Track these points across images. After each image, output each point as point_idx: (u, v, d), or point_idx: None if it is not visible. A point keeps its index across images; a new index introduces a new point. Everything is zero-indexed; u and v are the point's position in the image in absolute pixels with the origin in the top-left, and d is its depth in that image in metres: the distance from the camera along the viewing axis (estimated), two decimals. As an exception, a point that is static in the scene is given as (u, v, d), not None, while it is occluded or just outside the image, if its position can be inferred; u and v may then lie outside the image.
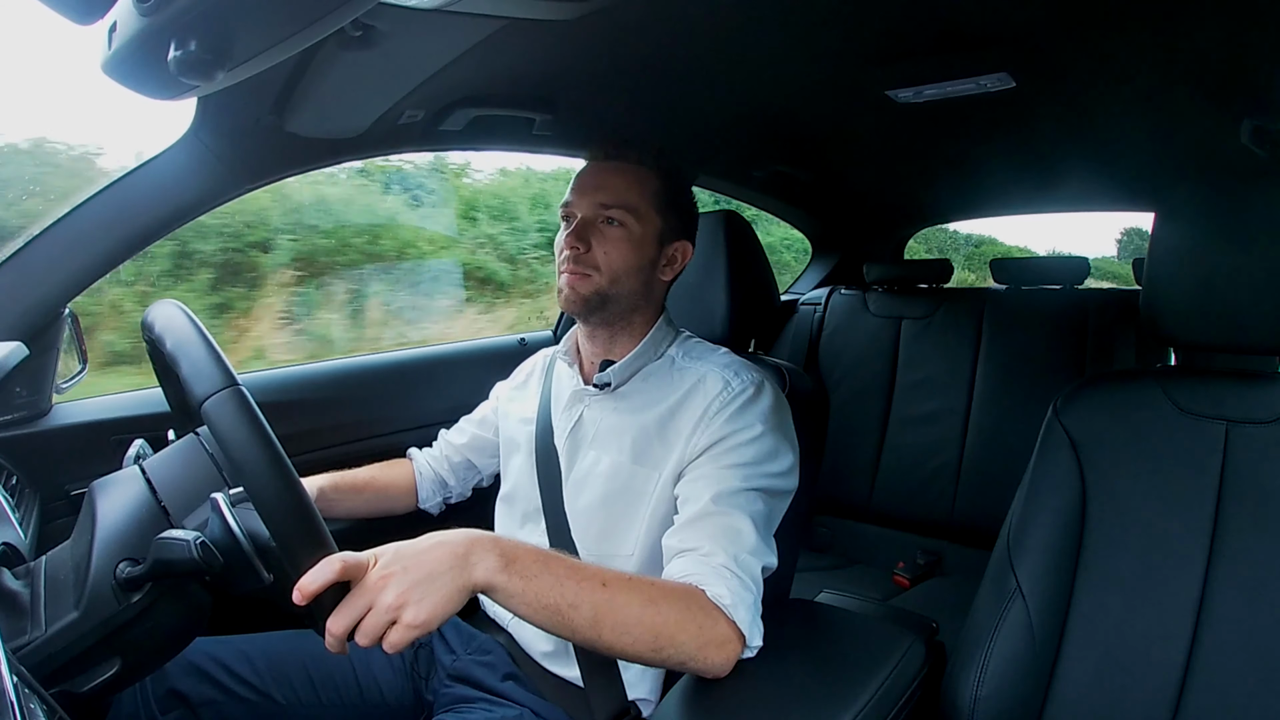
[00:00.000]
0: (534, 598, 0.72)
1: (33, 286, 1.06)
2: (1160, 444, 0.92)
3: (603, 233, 0.98)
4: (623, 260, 0.98)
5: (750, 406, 0.94)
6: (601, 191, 0.98)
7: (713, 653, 0.78)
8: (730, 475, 0.90)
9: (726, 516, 0.86)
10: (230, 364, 0.67)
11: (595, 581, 0.75)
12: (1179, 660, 0.86)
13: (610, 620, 0.74)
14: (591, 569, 0.77)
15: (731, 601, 0.80)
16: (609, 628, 0.74)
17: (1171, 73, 1.19)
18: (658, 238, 1.01)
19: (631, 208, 0.98)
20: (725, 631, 0.79)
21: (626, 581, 0.77)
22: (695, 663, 0.78)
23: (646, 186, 0.99)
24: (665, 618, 0.76)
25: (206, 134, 1.10)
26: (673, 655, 0.77)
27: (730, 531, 0.85)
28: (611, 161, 1.00)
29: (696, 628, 0.77)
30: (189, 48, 0.54)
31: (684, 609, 0.78)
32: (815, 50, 1.17)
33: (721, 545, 0.84)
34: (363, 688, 1.04)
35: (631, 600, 0.75)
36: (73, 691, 0.67)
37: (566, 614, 0.72)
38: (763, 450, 0.92)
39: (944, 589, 1.96)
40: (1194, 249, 0.90)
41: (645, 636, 0.75)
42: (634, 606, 0.75)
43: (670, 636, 0.76)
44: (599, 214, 0.98)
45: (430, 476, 1.24)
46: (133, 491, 0.76)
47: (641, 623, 0.75)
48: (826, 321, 2.33)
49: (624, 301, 1.00)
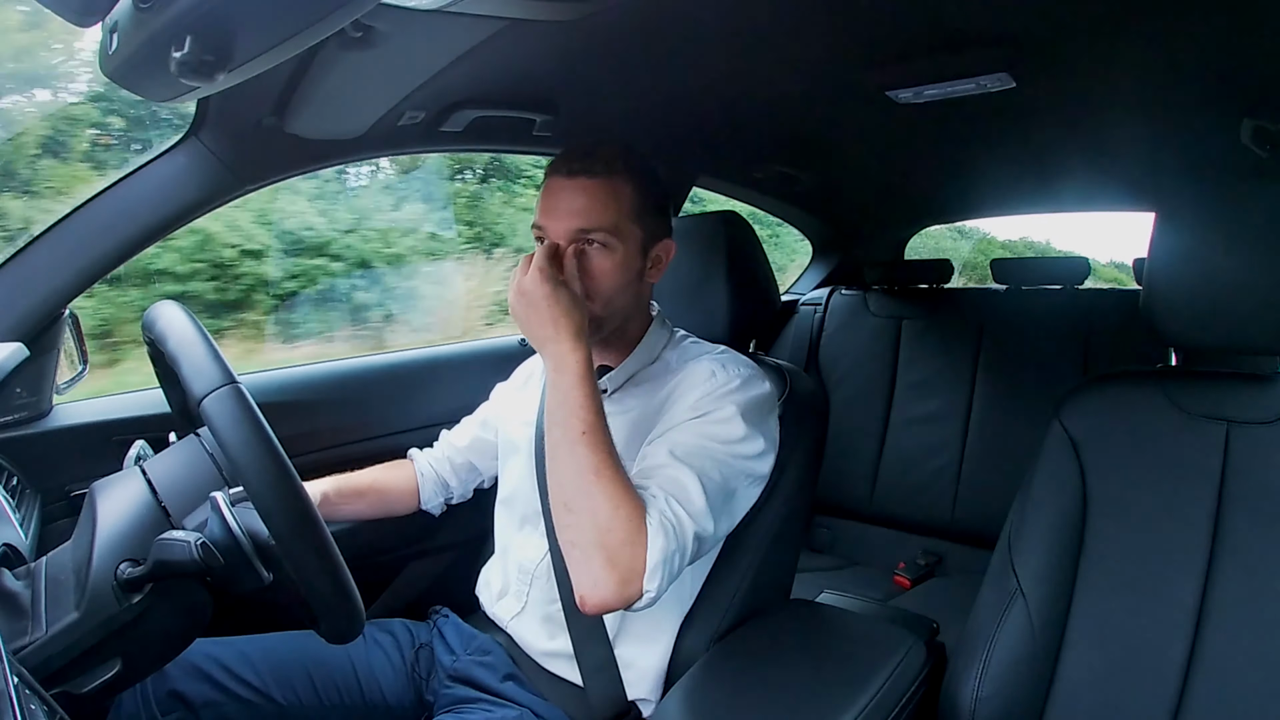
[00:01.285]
0: (553, 396, 0.84)
1: (33, 288, 1.06)
2: (1161, 445, 0.92)
3: (589, 258, 0.93)
4: (613, 284, 0.94)
5: (730, 395, 0.92)
6: (575, 217, 0.92)
7: (610, 571, 0.77)
8: (691, 438, 0.88)
9: (676, 470, 0.85)
10: (229, 363, 0.67)
11: (581, 424, 0.82)
12: (1180, 660, 0.86)
13: (562, 458, 0.82)
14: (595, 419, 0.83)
15: (654, 533, 0.79)
16: (557, 464, 0.83)
17: (1171, 73, 1.19)
18: (641, 248, 0.97)
19: (611, 228, 0.92)
20: (632, 560, 0.78)
21: (602, 446, 0.82)
22: (579, 562, 0.79)
23: (621, 198, 0.93)
24: (592, 495, 0.80)
25: (207, 135, 1.10)
26: (568, 531, 0.81)
27: (676, 484, 0.84)
28: (577, 178, 0.92)
29: (615, 536, 0.78)
30: (189, 49, 0.54)
31: (615, 508, 0.79)
32: (816, 51, 1.17)
33: (665, 490, 0.83)
34: (363, 689, 1.04)
35: (589, 457, 0.81)
36: (73, 692, 0.67)
37: (551, 429, 0.84)
38: (731, 432, 0.89)
39: (945, 589, 1.96)
40: (1194, 249, 0.90)
41: (568, 489, 0.81)
42: (581, 463, 0.81)
43: (580, 513, 0.80)
44: (578, 239, 0.93)
45: (432, 478, 1.24)
46: (133, 492, 0.76)
47: (576, 478, 0.81)
48: (827, 322, 2.33)
49: (617, 318, 0.99)
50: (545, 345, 0.87)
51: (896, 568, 2.04)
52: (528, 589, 1.05)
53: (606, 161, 0.93)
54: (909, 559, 2.06)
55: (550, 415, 0.84)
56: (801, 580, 1.54)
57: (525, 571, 1.06)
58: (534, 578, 1.04)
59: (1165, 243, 0.92)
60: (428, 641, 1.11)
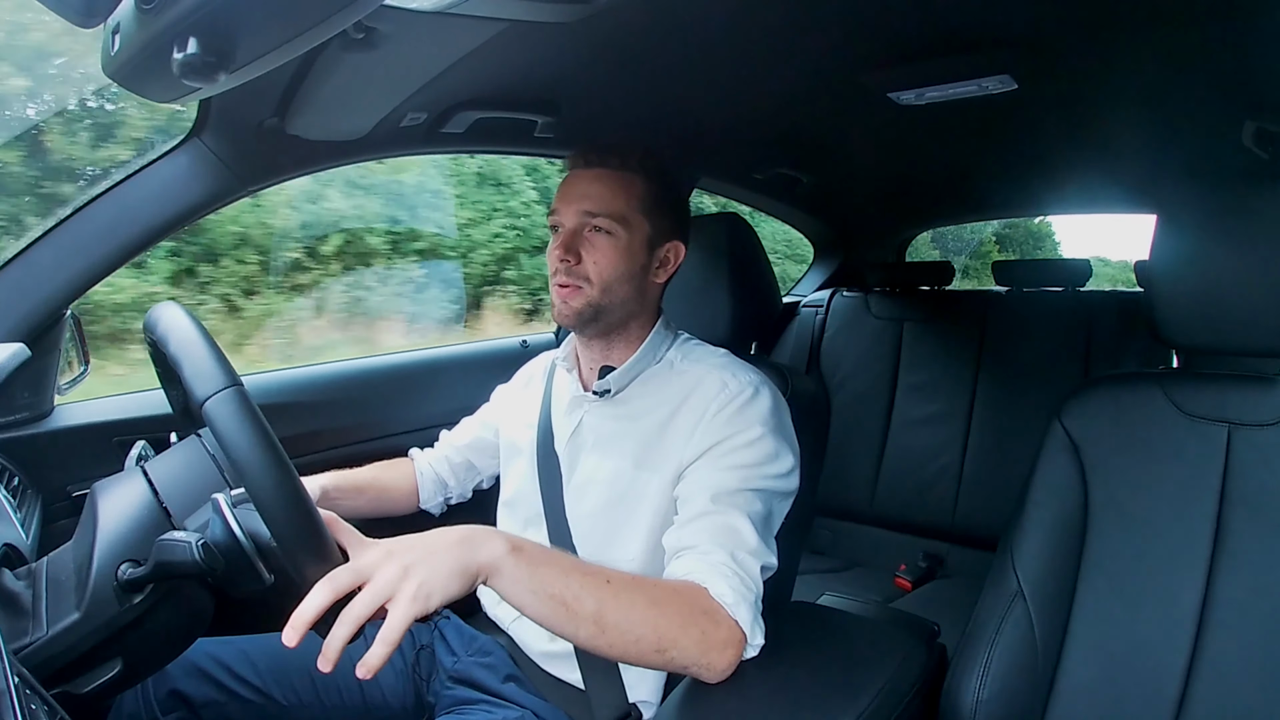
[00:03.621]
0: (538, 586, 0.70)
1: (35, 288, 1.07)
2: (1162, 446, 0.92)
3: (591, 242, 0.96)
4: (613, 269, 0.96)
5: (749, 408, 0.93)
6: (586, 200, 0.96)
7: (715, 656, 0.77)
8: (729, 476, 0.89)
9: (724, 516, 0.86)
10: (232, 365, 0.67)
11: (600, 578, 0.74)
12: (1181, 663, 0.86)
13: (614, 618, 0.72)
14: (596, 567, 0.76)
15: (733, 600, 0.79)
16: (613, 626, 0.72)
17: (1173, 75, 1.19)
18: (647, 243, 0.99)
19: (618, 215, 0.96)
20: (728, 633, 0.78)
21: (631, 580, 0.76)
22: (699, 665, 0.77)
23: (632, 191, 0.97)
24: (669, 619, 0.75)
25: (209, 136, 1.10)
26: (676, 658, 0.76)
27: (728, 530, 0.85)
28: (593, 168, 0.98)
29: (700, 631, 0.76)
30: (191, 50, 0.54)
31: (688, 610, 0.77)
32: (817, 53, 1.17)
33: (720, 544, 0.83)
34: (364, 689, 1.04)
35: (636, 599, 0.74)
36: (74, 692, 0.68)
37: (571, 607, 0.70)
38: (763, 452, 0.91)
39: (946, 591, 1.95)
40: (1196, 252, 0.90)
41: (649, 636, 0.74)
42: (638, 606, 0.74)
43: (674, 638, 0.75)
44: (585, 223, 0.96)
45: (431, 477, 1.24)
46: (134, 493, 0.76)
47: (646, 622, 0.74)
48: (828, 324, 2.33)
49: (618, 310, 0.99)
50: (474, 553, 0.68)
51: (897, 569, 2.03)
52: None
53: (623, 156, 0.98)
54: (910, 561, 2.06)
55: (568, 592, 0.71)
56: (802, 582, 1.54)
57: None
58: None
59: (1167, 245, 0.92)
60: (428, 643, 1.11)
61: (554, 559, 0.73)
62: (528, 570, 0.69)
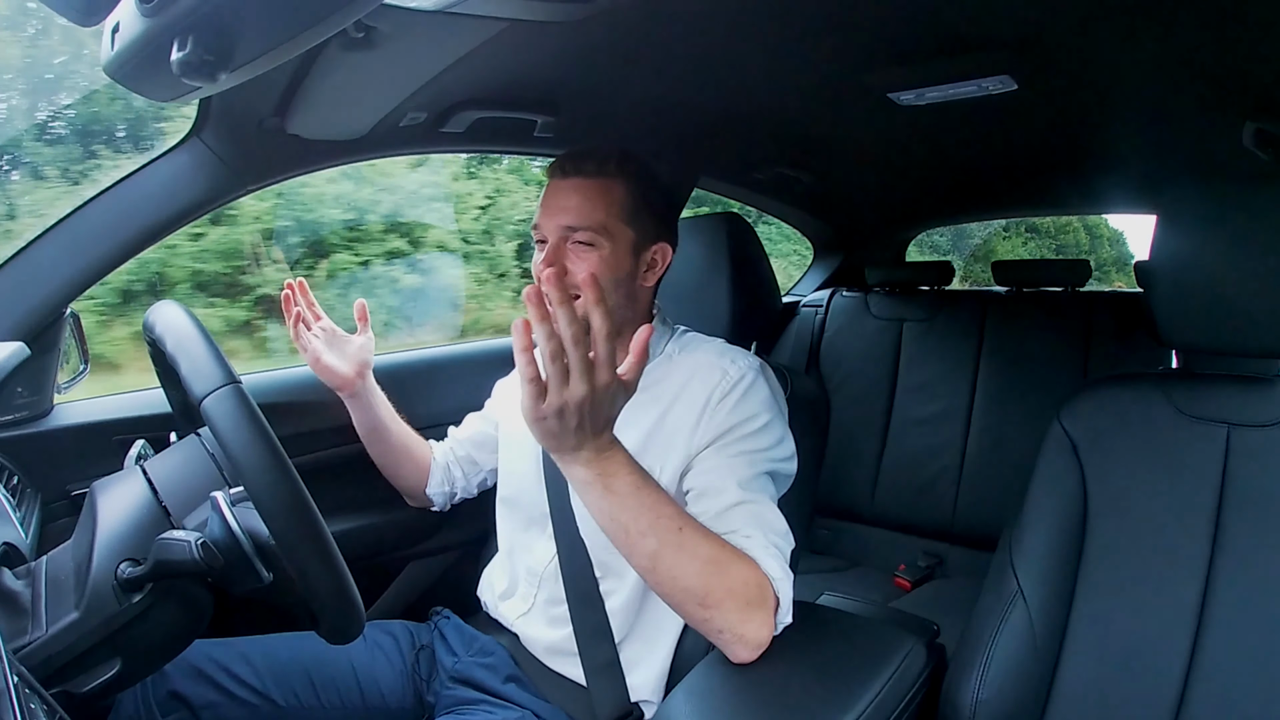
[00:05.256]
0: (613, 512, 0.75)
1: (35, 287, 1.07)
2: (1161, 447, 0.92)
3: (575, 255, 0.95)
4: (599, 280, 0.96)
5: (752, 393, 0.94)
6: (565, 213, 0.95)
7: (753, 627, 0.79)
8: (743, 462, 0.90)
9: (754, 504, 0.87)
10: (230, 363, 0.67)
11: (673, 523, 0.77)
12: (1180, 663, 0.86)
13: (669, 562, 0.76)
14: (677, 510, 0.78)
15: (780, 576, 0.82)
16: (665, 569, 0.76)
17: (1173, 76, 1.19)
18: (632, 249, 0.98)
19: (598, 226, 0.94)
20: (767, 611, 0.80)
21: (702, 535, 0.79)
22: (734, 633, 0.79)
23: (612, 198, 0.95)
24: (721, 579, 0.78)
25: (209, 135, 1.10)
26: (714, 618, 0.78)
27: (759, 518, 0.86)
28: (570, 178, 0.96)
29: (744, 600, 0.79)
30: (191, 49, 0.54)
31: (741, 578, 0.79)
32: (817, 53, 1.17)
33: (758, 528, 0.85)
34: (363, 690, 1.04)
35: (698, 552, 0.77)
36: (73, 692, 0.68)
37: (633, 538, 0.76)
38: (772, 437, 0.92)
39: (945, 592, 1.95)
40: (1195, 252, 0.90)
41: (697, 589, 0.77)
42: (697, 560, 0.77)
43: (719, 600, 0.77)
44: (566, 237, 0.95)
45: (441, 464, 1.26)
46: (134, 492, 0.76)
47: (698, 575, 0.77)
48: (828, 324, 2.33)
49: (611, 317, 0.99)
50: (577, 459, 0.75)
51: (897, 569, 2.03)
52: (535, 590, 1.05)
53: (599, 162, 0.96)
54: (910, 561, 2.06)
55: (635, 526, 0.75)
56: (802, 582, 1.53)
57: (534, 574, 1.06)
58: (543, 580, 1.04)
59: (1167, 245, 0.92)
60: (428, 643, 1.11)
61: (640, 492, 0.76)
62: (606, 499, 0.75)
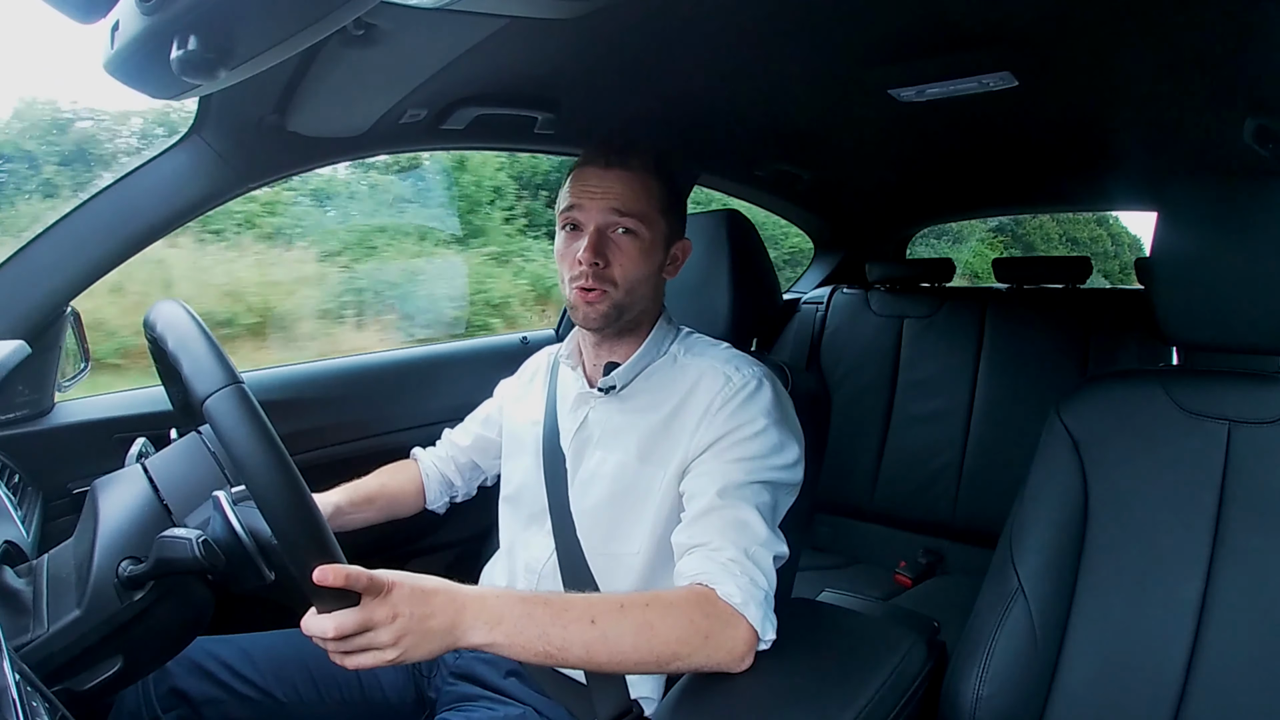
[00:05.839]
0: (523, 648, 0.74)
1: (35, 285, 1.07)
2: (1162, 444, 0.92)
3: (617, 244, 0.96)
4: (637, 271, 0.97)
5: (752, 401, 0.93)
6: (612, 198, 0.95)
7: (725, 656, 0.79)
8: (735, 469, 0.89)
9: (734, 509, 0.86)
10: (232, 362, 0.67)
11: (583, 620, 0.75)
12: (1181, 660, 0.86)
13: (604, 655, 0.76)
14: (580, 606, 0.76)
15: (742, 599, 0.80)
16: (605, 660, 0.76)
17: (1174, 72, 1.19)
18: (664, 242, 1.00)
19: (643, 215, 0.96)
20: (737, 633, 0.80)
21: (618, 611, 0.77)
22: (712, 666, 0.80)
23: (652, 191, 0.98)
24: (664, 638, 0.77)
25: (209, 133, 1.10)
26: (682, 666, 0.79)
27: (738, 524, 0.86)
28: (613, 169, 0.97)
29: (703, 638, 0.78)
30: (191, 47, 0.54)
31: (688, 622, 0.78)
32: (817, 50, 1.17)
33: (730, 539, 0.84)
34: (364, 686, 1.04)
35: (624, 631, 0.76)
36: (75, 689, 0.68)
37: (557, 656, 0.75)
38: (767, 444, 0.92)
39: (946, 588, 1.95)
40: (1196, 249, 0.90)
41: (648, 659, 0.77)
42: (627, 637, 0.76)
43: (674, 652, 0.77)
44: (612, 223, 0.96)
45: (436, 478, 1.24)
46: (135, 490, 0.76)
47: (638, 649, 0.76)
48: (828, 321, 2.33)
49: (637, 309, 1.00)
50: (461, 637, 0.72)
51: (897, 566, 2.03)
52: (534, 587, 1.05)
53: (641, 158, 0.98)
54: (910, 557, 2.06)
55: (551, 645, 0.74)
56: (802, 578, 1.54)
57: (532, 571, 1.06)
58: (541, 576, 1.04)
59: (1168, 242, 0.92)
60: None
61: (533, 616, 0.74)
62: (508, 640, 0.73)
